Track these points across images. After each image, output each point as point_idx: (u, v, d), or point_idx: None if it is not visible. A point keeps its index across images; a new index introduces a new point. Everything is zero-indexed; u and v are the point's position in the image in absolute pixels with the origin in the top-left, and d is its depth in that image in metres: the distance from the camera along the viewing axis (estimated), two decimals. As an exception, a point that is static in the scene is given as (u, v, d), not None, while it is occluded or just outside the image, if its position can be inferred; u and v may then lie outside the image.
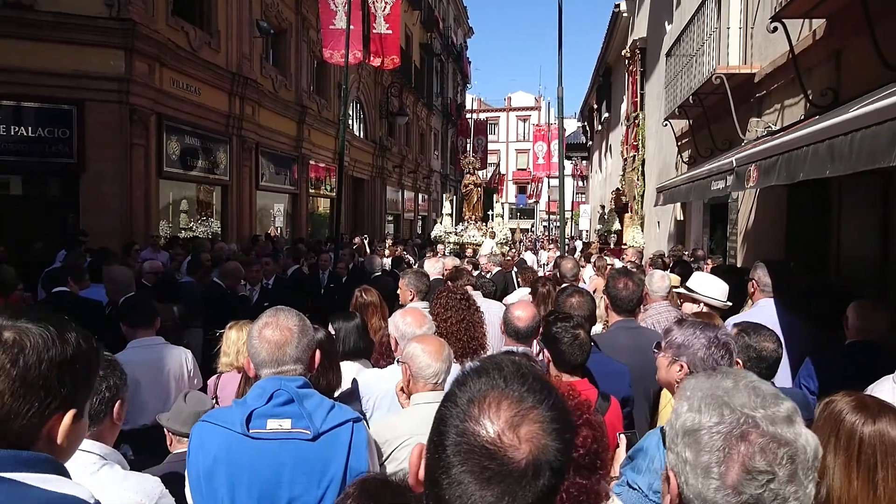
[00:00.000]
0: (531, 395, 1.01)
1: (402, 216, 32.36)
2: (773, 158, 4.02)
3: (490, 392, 1.01)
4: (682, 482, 1.25)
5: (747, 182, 4.55)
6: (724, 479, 1.19)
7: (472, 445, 0.97)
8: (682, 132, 12.79)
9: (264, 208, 18.47)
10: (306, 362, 2.28)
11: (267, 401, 2.15)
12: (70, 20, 10.70)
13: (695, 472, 1.23)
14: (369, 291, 4.57)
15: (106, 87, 11.15)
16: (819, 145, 3.38)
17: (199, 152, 14.19)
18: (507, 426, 0.97)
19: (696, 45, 9.66)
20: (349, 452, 2.17)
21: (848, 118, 2.99)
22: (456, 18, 42.64)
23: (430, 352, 2.70)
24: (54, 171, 11.55)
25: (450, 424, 1.00)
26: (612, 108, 26.27)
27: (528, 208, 57.88)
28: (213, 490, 2.09)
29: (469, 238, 17.30)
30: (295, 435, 2.12)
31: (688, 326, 2.59)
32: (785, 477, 1.18)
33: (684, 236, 13.92)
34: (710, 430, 1.23)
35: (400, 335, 3.26)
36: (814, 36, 6.84)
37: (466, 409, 1.00)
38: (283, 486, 2.09)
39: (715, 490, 1.20)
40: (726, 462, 1.20)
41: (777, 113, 8.09)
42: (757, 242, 8.81)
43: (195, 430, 2.20)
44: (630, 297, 3.79)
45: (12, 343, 1.16)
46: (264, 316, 2.30)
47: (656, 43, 16.41)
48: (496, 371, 1.05)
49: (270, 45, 17.84)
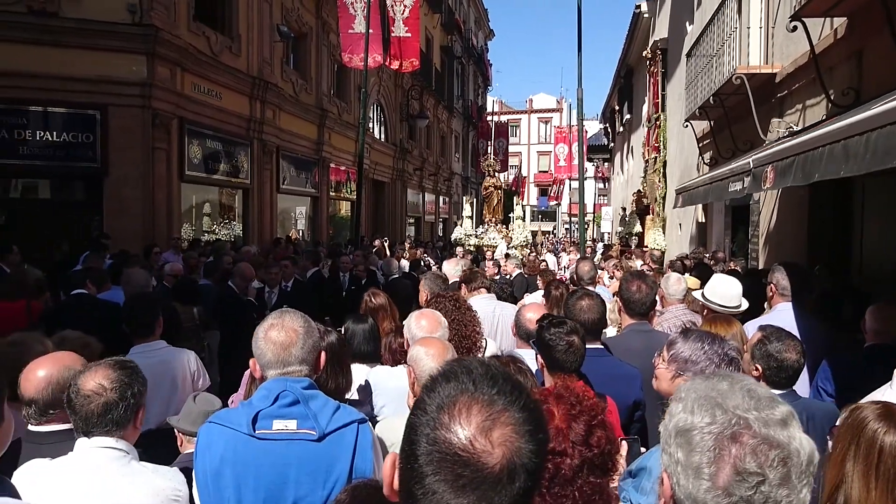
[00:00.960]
0: (501, 396, 0.99)
1: (422, 219, 32.40)
2: (790, 159, 3.97)
3: (459, 397, 0.99)
4: (675, 483, 1.24)
5: (764, 183, 4.50)
6: (714, 479, 1.18)
7: (444, 454, 0.95)
8: (704, 133, 12.67)
9: (285, 211, 18.60)
10: (312, 363, 2.30)
11: (273, 402, 2.17)
12: (93, 26, 10.86)
13: (686, 472, 1.22)
14: (378, 295, 4.58)
15: (128, 91, 11.30)
16: (834, 146, 3.34)
17: (220, 156, 14.34)
18: (478, 431, 0.95)
19: (716, 46, 9.57)
20: (354, 453, 2.19)
21: (863, 118, 2.95)
22: (476, 21, 42.63)
23: (433, 354, 2.71)
24: (78, 175, 11.73)
25: (420, 433, 0.99)
26: (633, 109, 26.10)
27: (549, 211, 57.72)
28: (220, 490, 2.11)
29: (489, 240, 17.29)
30: (300, 435, 2.14)
31: (695, 339, 2.50)
32: (776, 480, 1.16)
33: (706, 238, 13.79)
34: (701, 431, 1.22)
35: (412, 337, 3.26)
36: (835, 35, 6.75)
37: (436, 416, 0.98)
38: (288, 486, 2.11)
39: (706, 491, 1.19)
40: (717, 463, 1.19)
41: (799, 113, 7.99)
42: (779, 244, 8.70)
43: (202, 430, 2.22)
44: (643, 299, 3.76)
45: None
46: (270, 317, 2.32)
47: (677, 44, 16.28)
48: (465, 374, 1.03)
49: (291, 49, 17.96)
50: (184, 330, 5.67)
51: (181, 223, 13.17)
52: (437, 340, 2.88)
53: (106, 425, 2.24)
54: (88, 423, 2.23)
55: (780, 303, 4.43)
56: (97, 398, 2.23)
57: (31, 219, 11.40)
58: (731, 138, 10.11)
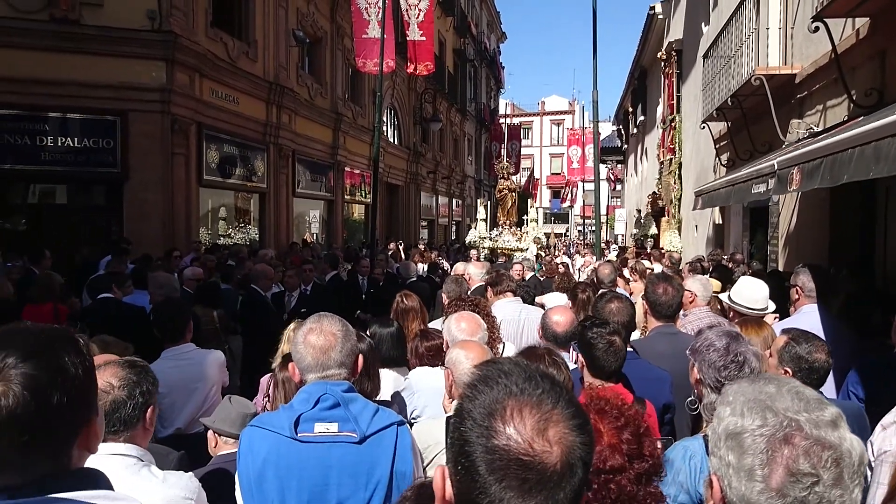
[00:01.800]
0: (547, 395, 1.01)
1: (436, 222, 32.44)
2: (817, 161, 3.96)
3: (506, 401, 1.00)
4: (726, 486, 1.26)
5: (790, 185, 4.48)
6: (768, 481, 1.20)
7: (506, 461, 0.96)
8: (720, 135, 12.62)
9: (300, 215, 18.69)
10: (350, 367, 2.32)
11: (314, 405, 2.19)
12: (114, 33, 10.99)
13: (738, 475, 1.23)
14: (410, 297, 4.60)
15: (148, 97, 11.42)
16: (864, 147, 3.33)
17: (237, 160, 14.45)
18: (535, 433, 0.97)
19: (734, 47, 9.54)
20: (394, 455, 2.21)
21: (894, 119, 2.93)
22: (489, 24, 42.66)
23: (472, 358, 2.71)
24: (99, 180, 11.88)
25: (475, 444, 0.98)
26: (647, 111, 26.03)
27: (562, 213, 57.57)
28: (264, 493, 2.14)
29: (503, 243, 17.27)
30: (342, 438, 2.17)
31: (710, 334, 2.61)
32: (830, 480, 1.17)
33: (723, 240, 13.72)
34: (752, 434, 1.23)
35: (451, 339, 3.28)
36: (857, 35, 6.71)
37: (488, 424, 0.98)
38: (330, 488, 2.13)
39: (759, 493, 1.20)
40: (770, 465, 1.20)
41: (819, 114, 7.94)
42: (799, 247, 8.64)
43: (244, 434, 2.25)
44: (669, 302, 3.76)
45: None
46: (308, 322, 2.35)
47: (693, 45, 16.23)
48: (504, 377, 1.03)
49: (306, 53, 18.07)
50: (203, 332, 5.72)
51: (199, 227, 13.27)
52: (477, 344, 2.90)
53: (114, 424, 2.23)
54: None
55: (805, 304, 4.41)
56: (105, 396, 2.20)
57: (52, 223, 11.55)
58: (750, 140, 10.07)
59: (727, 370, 2.44)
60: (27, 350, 1.21)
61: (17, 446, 1.17)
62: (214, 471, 3.03)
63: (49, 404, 1.20)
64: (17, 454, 1.18)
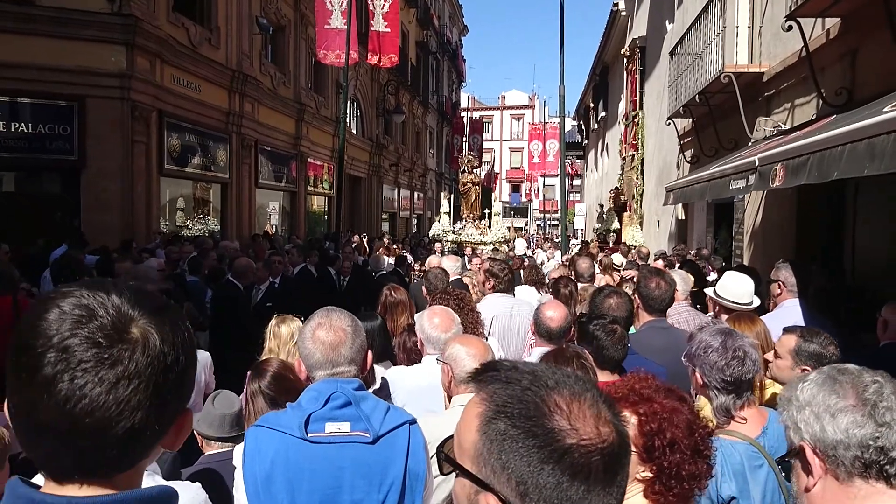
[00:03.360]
0: (576, 381, 0.98)
1: (398, 215, 32.29)
2: (804, 157, 3.99)
3: (551, 397, 0.94)
4: (819, 440, 1.42)
5: (772, 181, 4.52)
6: (847, 399, 1.44)
7: (587, 457, 0.90)
8: (685, 131, 12.78)
9: (262, 206, 18.39)
10: (360, 363, 2.24)
11: (324, 404, 2.10)
12: (71, 16, 10.59)
13: (824, 417, 1.44)
14: (399, 290, 4.51)
15: (107, 83, 11.04)
16: (857, 144, 3.35)
17: (199, 149, 14.10)
18: (595, 419, 0.93)
19: (702, 44, 9.64)
20: (408, 455, 2.13)
21: (893, 117, 2.96)
22: (451, 16, 42.54)
23: (473, 354, 2.65)
24: (54, 168, 11.44)
25: (544, 455, 0.89)
26: (609, 106, 26.26)
27: (521, 207, 57.95)
28: (272, 495, 2.03)
29: (467, 236, 17.26)
30: (354, 438, 2.08)
31: (703, 336, 2.57)
32: None
33: (686, 235, 13.92)
34: (817, 384, 1.50)
35: (426, 337, 3.22)
36: (827, 35, 6.83)
37: (549, 425, 0.91)
38: (343, 490, 2.05)
39: (847, 424, 1.41)
40: (846, 398, 1.44)
41: (787, 112, 8.08)
42: (765, 242, 8.80)
43: (250, 434, 2.14)
44: (662, 296, 3.76)
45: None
46: (316, 317, 2.26)
47: (656, 42, 16.41)
48: (528, 377, 0.97)
49: (269, 42, 17.74)
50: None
51: (160, 217, 12.91)
52: (477, 339, 2.84)
53: None
54: None
55: (787, 299, 4.47)
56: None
57: (4, 212, 11.07)
58: (716, 136, 10.20)
59: (730, 368, 2.42)
60: (155, 305, 0.99)
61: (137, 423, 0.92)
62: (201, 471, 2.93)
63: (174, 369, 0.96)
64: (129, 437, 0.92)
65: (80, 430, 0.89)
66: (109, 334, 0.91)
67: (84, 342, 0.90)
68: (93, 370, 0.89)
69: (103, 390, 0.89)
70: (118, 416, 0.90)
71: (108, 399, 0.89)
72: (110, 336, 0.91)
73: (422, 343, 3.41)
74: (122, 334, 0.92)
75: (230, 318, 6.16)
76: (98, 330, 0.91)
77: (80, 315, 0.91)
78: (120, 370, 0.90)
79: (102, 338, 0.91)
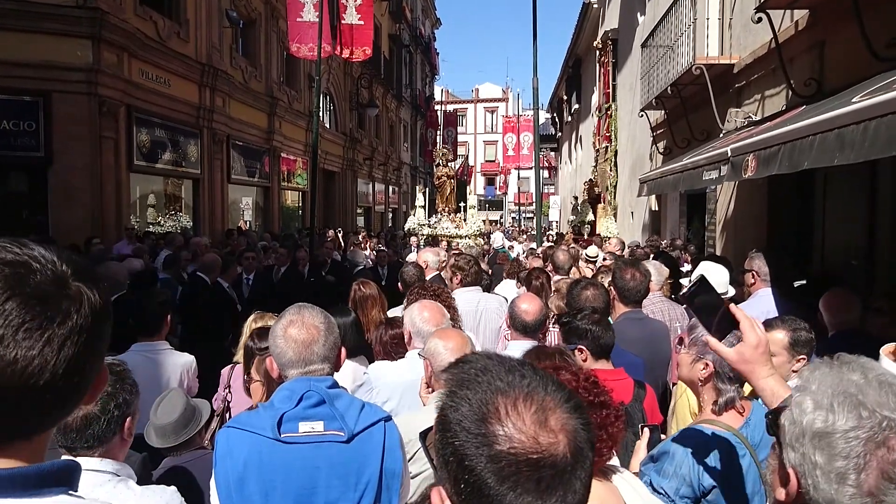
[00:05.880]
0: (535, 383, 0.94)
1: (373, 209, 32.15)
2: (775, 148, 4.03)
3: (496, 399, 0.91)
4: (810, 485, 1.19)
5: (745, 172, 4.56)
6: (861, 486, 1.14)
7: (515, 465, 0.87)
8: (658, 123, 12.87)
9: (235, 202, 18.19)
10: (333, 361, 2.20)
11: (297, 403, 2.06)
12: (35, 9, 10.33)
13: (827, 477, 1.17)
14: (367, 284, 4.47)
15: (74, 77, 10.80)
16: (826, 134, 3.38)
17: (169, 145, 13.88)
18: (536, 426, 0.89)
19: (673, 36, 9.70)
20: (384, 453, 2.10)
21: (863, 107, 2.99)
22: (423, 9, 42.37)
23: (451, 348, 2.63)
24: (19, 165, 11.17)
25: (476, 456, 0.88)
26: (582, 99, 26.38)
27: (496, 200, 58.06)
28: (245, 497, 1.99)
29: (443, 230, 17.24)
30: (329, 437, 2.04)
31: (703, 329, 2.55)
32: None
33: (660, 226, 14.03)
34: (846, 435, 1.16)
35: (416, 331, 3.18)
36: (796, 27, 6.91)
37: (484, 430, 0.89)
38: (318, 491, 2.01)
39: (850, 497, 1.14)
40: (865, 470, 1.14)
41: (757, 103, 8.16)
42: (737, 233, 8.90)
43: (221, 435, 2.09)
44: (637, 287, 3.77)
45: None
46: (288, 314, 2.21)
47: (628, 34, 16.49)
48: (483, 374, 0.95)
49: (240, 35, 17.51)
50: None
51: (130, 214, 12.70)
52: (456, 332, 2.81)
53: (87, 440, 2.01)
54: (67, 438, 2.00)
55: (761, 288, 4.52)
56: (76, 411, 2.01)
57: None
58: (688, 127, 10.28)
59: None
60: (83, 268, 0.96)
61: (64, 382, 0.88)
62: (168, 470, 2.85)
63: (105, 333, 0.94)
64: (55, 397, 0.88)
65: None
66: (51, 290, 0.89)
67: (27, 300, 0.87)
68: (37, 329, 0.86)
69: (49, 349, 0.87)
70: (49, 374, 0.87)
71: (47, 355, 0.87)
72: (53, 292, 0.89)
73: (409, 337, 3.37)
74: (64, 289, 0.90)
75: (202, 314, 6.07)
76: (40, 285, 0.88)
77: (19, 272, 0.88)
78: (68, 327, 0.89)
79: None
